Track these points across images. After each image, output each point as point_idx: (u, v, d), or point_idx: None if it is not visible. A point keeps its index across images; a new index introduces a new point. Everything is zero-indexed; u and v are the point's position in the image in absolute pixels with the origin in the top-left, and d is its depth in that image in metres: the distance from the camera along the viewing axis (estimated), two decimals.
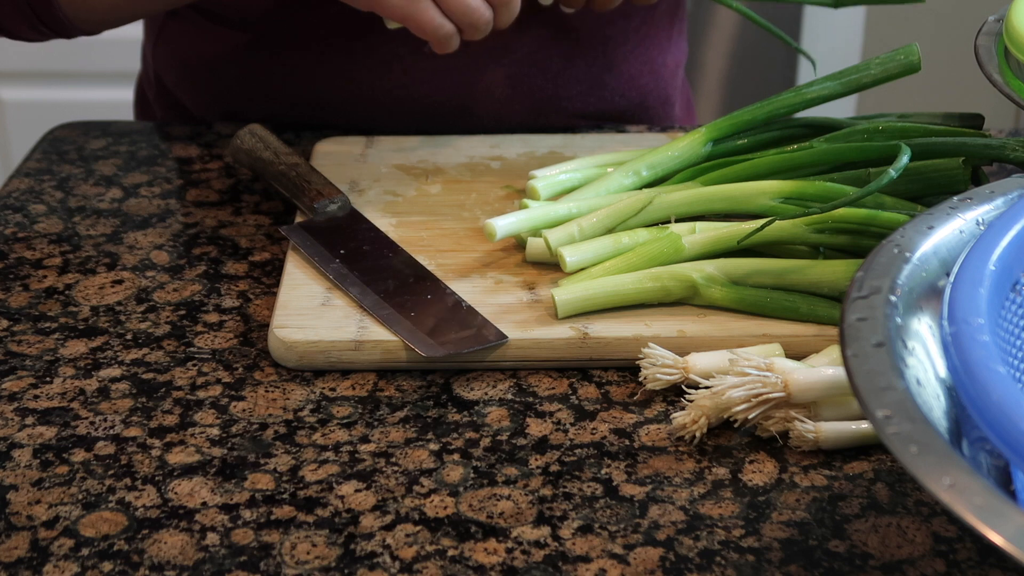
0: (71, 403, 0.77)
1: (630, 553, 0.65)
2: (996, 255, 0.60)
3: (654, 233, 0.85)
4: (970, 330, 0.55)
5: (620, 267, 0.83)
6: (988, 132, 0.92)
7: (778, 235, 0.84)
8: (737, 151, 0.93)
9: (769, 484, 0.70)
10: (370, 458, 0.72)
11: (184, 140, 1.08)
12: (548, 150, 1.02)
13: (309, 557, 0.65)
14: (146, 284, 0.88)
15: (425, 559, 0.65)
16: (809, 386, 0.72)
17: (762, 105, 0.94)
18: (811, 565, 0.65)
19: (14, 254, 0.92)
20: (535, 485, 0.70)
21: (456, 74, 1.07)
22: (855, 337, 0.58)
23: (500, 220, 0.86)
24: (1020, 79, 0.82)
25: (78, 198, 0.99)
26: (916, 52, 0.92)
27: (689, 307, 0.82)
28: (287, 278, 0.85)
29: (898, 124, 0.91)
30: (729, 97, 2.31)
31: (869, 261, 0.63)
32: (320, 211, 0.91)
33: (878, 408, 0.54)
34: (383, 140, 1.04)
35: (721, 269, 0.82)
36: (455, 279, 0.85)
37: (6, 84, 2.25)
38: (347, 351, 0.79)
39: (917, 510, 0.68)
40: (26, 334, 0.83)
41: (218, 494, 0.70)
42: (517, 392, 0.78)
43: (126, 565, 0.65)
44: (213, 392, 0.78)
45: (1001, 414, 0.51)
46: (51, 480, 0.71)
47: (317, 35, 1.07)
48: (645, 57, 1.13)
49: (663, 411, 0.76)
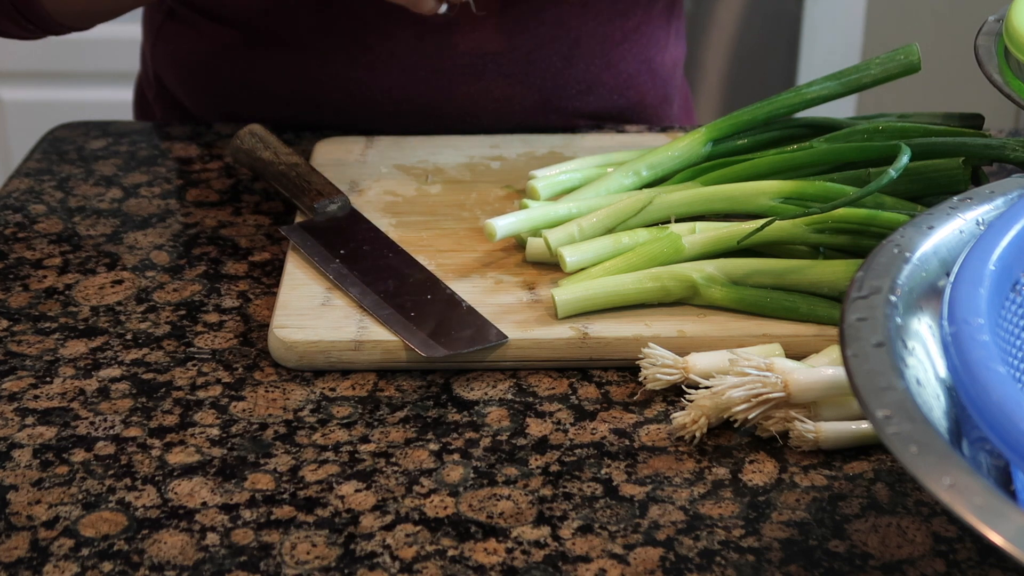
0: (71, 403, 0.77)
1: (630, 553, 0.65)
2: (996, 255, 0.60)
3: (654, 233, 0.85)
4: (970, 330, 0.55)
5: (620, 267, 0.83)
6: (988, 132, 0.92)
7: (778, 235, 0.84)
8: (737, 151, 0.93)
9: (769, 484, 0.70)
10: (370, 458, 0.72)
11: (184, 140, 1.08)
12: (548, 150, 1.02)
13: (309, 557, 0.65)
14: (146, 284, 0.88)
15: (425, 559, 0.65)
16: (809, 386, 0.72)
17: (762, 105, 0.94)
18: (811, 565, 0.65)
19: (14, 254, 0.92)
20: (535, 485, 0.70)
21: (455, 73, 1.07)
22: (855, 337, 0.58)
23: (500, 220, 0.86)
24: (1020, 79, 0.82)
25: (78, 198, 0.99)
26: (916, 52, 0.92)
27: (689, 307, 0.82)
28: (287, 278, 0.85)
29: (898, 124, 0.91)
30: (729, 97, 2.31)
31: (869, 261, 0.63)
32: (320, 211, 0.91)
33: (878, 408, 0.54)
34: (383, 140, 1.04)
35: (721, 269, 0.82)
36: (455, 279, 0.85)
37: (6, 84, 2.25)
38: (347, 351, 0.79)
39: (917, 510, 0.68)
40: (26, 334, 0.83)
41: (218, 494, 0.70)
42: (517, 392, 0.78)
43: (126, 565, 0.65)
44: (213, 392, 0.78)
45: (1001, 414, 0.51)
46: (51, 480, 0.71)
47: (316, 35, 1.07)
48: (643, 56, 1.13)
49: (663, 411, 0.76)
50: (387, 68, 1.07)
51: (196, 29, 1.11)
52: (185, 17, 1.12)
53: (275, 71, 1.09)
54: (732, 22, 2.26)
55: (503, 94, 1.09)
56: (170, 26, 1.14)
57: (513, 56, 1.08)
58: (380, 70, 1.07)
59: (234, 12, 1.08)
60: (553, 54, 1.09)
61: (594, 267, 0.84)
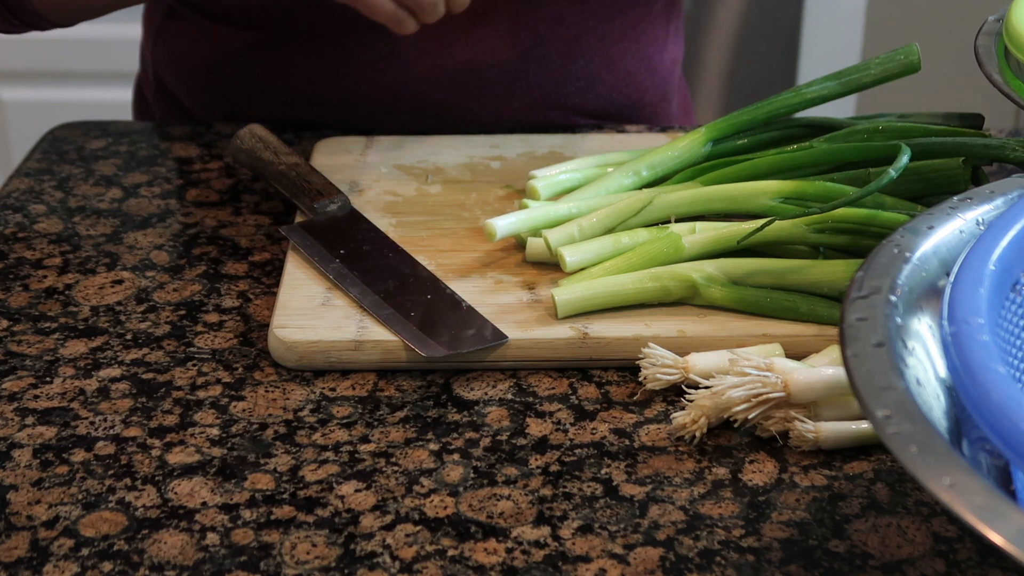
0: (71, 403, 0.77)
1: (630, 553, 0.65)
2: (996, 255, 0.60)
3: (654, 233, 0.85)
4: (970, 330, 0.55)
5: (620, 267, 0.83)
6: (988, 132, 0.92)
7: (778, 235, 0.84)
8: (737, 151, 0.93)
9: (769, 484, 0.70)
10: (370, 458, 0.72)
11: (184, 140, 1.08)
12: (548, 150, 1.02)
13: (309, 557, 0.65)
14: (146, 284, 0.88)
15: (425, 559, 0.65)
16: (809, 386, 0.72)
17: (761, 105, 0.94)
18: (811, 565, 0.65)
19: (14, 254, 0.92)
20: (535, 485, 0.70)
21: (454, 72, 1.08)
22: (855, 337, 0.58)
23: (500, 220, 0.86)
24: (1020, 79, 0.82)
25: (78, 198, 0.99)
26: (916, 52, 0.92)
27: (689, 307, 0.82)
28: (287, 278, 0.85)
29: (898, 124, 0.91)
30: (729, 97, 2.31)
31: (869, 261, 0.63)
32: (320, 211, 0.91)
33: (878, 408, 0.54)
34: (383, 140, 1.04)
35: (721, 269, 0.82)
36: (455, 279, 0.85)
37: (6, 84, 2.25)
38: (347, 351, 0.79)
39: (917, 510, 0.68)
40: (26, 334, 0.83)
41: (218, 494, 0.70)
42: (517, 392, 0.78)
43: (126, 565, 0.65)
44: (213, 392, 0.78)
45: (1001, 414, 0.51)
46: (51, 480, 0.71)
47: (316, 34, 1.07)
48: (642, 54, 1.13)
49: (663, 411, 0.76)
50: (386, 67, 1.07)
51: (196, 29, 1.11)
52: (185, 17, 1.12)
53: (274, 71, 1.09)
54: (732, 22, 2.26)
55: (503, 91, 1.09)
56: (170, 26, 1.14)
57: (511, 54, 1.08)
58: (380, 69, 1.07)
59: (234, 12, 1.08)
60: (553, 52, 1.09)
61: (594, 267, 0.84)
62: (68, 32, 1.15)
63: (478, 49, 1.07)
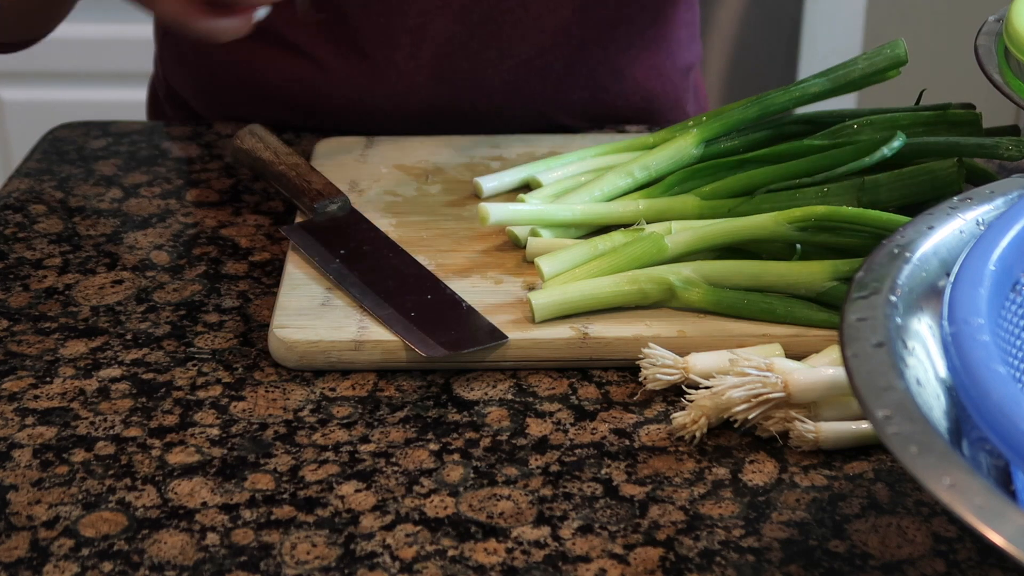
0: (71, 403, 0.77)
1: (630, 553, 0.65)
2: (996, 255, 0.60)
3: (630, 235, 0.85)
4: (970, 330, 0.55)
5: (603, 268, 0.82)
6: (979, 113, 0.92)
7: (760, 233, 0.83)
8: (729, 152, 0.94)
9: (769, 484, 0.70)
10: (370, 458, 0.72)
11: (184, 140, 1.08)
12: (548, 150, 1.02)
13: (309, 557, 0.65)
14: (146, 284, 0.88)
15: (425, 559, 0.65)
16: (809, 386, 0.72)
17: (751, 104, 0.93)
18: (811, 565, 0.65)
19: (14, 254, 0.92)
20: (535, 485, 0.70)
21: (455, 79, 1.07)
22: (855, 337, 0.58)
23: (494, 205, 0.86)
24: (1020, 79, 0.82)
25: (78, 198, 0.99)
26: (902, 45, 0.92)
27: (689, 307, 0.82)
28: (287, 278, 0.85)
29: (889, 116, 0.92)
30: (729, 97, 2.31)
31: (869, 261, 0.63)
32: (320, 211, 0.91)
33: (878, 408, 0.54)
34: (383, 140, 1.04)
35: (698, 271, 0.82)
36: (455, 279, 0.85)
37: (6, 84, 2.25)
38: (347, 351, 0.79)
39: (917, 510, 0.68)
40: (26, 334, 0.83)
41: (218, 494, 0.70)
42: (517, 392, 0.78)
43: (126, 565, 0.65)
44: (213, 392, 0.78)
45: (1001, 414, 0.51)
46: (51, 480, 0.71)
47: (318, 39, 1.07)
48: (652, 62, 1.12)
49: (663, 411, 0.76)
50: (387, 73, 1.07)
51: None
52: None
53: (276, 73, 1.09)
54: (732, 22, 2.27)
55: (503, 99, 1.09)
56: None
57: (513, 62, 1.08)
58: (380, 74, 1.07)
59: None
60: (555, 60, 1.08)
61: (578, 268, 0.83)
62: (68, 32, 1.16)
63: (478, 60, 1.07)
